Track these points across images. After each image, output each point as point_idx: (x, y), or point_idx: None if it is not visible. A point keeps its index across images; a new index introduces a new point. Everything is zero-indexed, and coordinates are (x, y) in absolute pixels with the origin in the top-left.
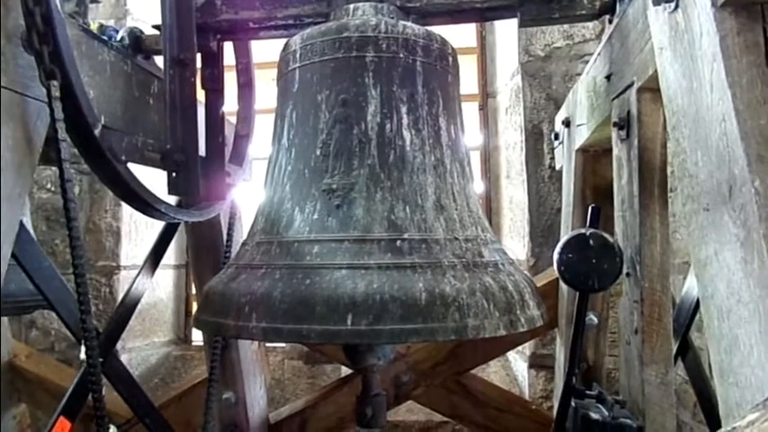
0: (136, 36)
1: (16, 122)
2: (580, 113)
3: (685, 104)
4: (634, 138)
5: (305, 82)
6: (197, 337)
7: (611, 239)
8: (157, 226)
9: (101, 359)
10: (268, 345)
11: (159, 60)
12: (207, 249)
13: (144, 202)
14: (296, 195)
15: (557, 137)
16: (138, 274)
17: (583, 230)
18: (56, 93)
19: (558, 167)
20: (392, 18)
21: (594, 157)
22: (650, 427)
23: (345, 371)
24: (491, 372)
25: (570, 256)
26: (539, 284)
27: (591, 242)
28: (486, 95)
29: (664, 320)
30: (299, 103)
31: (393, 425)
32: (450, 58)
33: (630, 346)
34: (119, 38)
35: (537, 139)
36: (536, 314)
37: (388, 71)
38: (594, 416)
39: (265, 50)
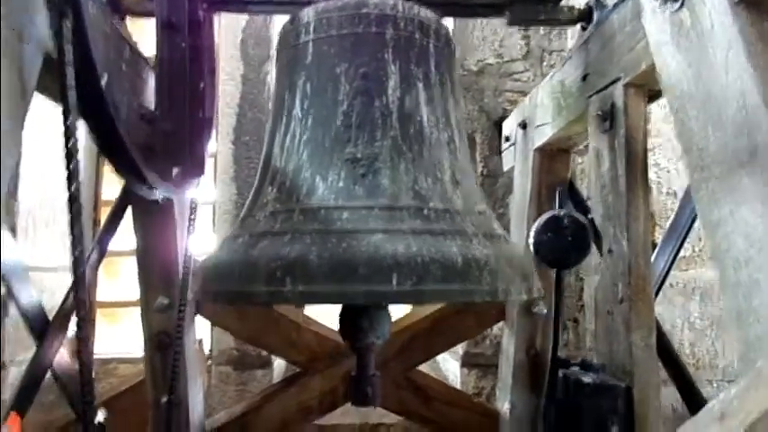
0: None
1: (13, 65)
2: (542, 115)
3: (692, 89)
4: (620, 128)
5: (321, 54)
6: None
7: (582, 218)
8: (55, 225)
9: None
10: None
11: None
12: (156, 243)
13: (135, 169)
14: (315, 164)
15: (507, 139)
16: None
17: (555, 212)
18: (68, 34)
19: (506, 168)
20: None
21: (551, 156)
22: (637, 385)
23: (278, 375)
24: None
25: (548, 236)
26: None
27: (565, 221)
28: None
29: (647, 290)
30: (314, 75)
31: (330, 428)
32: (453, 46)
33: (613, 315)
34: None
35: (470, 148)
36: (539, 285)
37: (405, 50)
38: (586, 379)
39: None
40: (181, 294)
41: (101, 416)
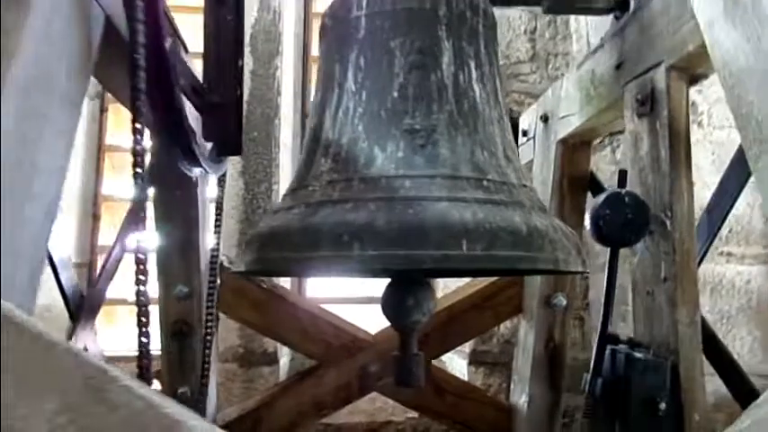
0: None
1: (82, 24)
2: (566, 106)
3: (750, 62)
4: (662, 109)
5: (374, 29)
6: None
7: (641, 197)
8: (61, 220)
9: None
10: None
11: None
12: (176, 229)
13: (187, 140)
14: (372, 135)
15: (525, 134)
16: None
17: (617, 190)
18: None
19: (524, 162)
20: None
21: (573, 149)
22: (683, 363)
23: (284, 373)
24: None
25: (607, 212)
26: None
27: (626, 199)
28: None
29: (691, 266)
30: (368, 49)
31: (336, 427)
32: (497, 28)
33: (654, 294)
34: None
35: None
36: (588, 261)
37: (458, 27)
38: (639, 355)
39: None
40: (210, 282)
41: None
